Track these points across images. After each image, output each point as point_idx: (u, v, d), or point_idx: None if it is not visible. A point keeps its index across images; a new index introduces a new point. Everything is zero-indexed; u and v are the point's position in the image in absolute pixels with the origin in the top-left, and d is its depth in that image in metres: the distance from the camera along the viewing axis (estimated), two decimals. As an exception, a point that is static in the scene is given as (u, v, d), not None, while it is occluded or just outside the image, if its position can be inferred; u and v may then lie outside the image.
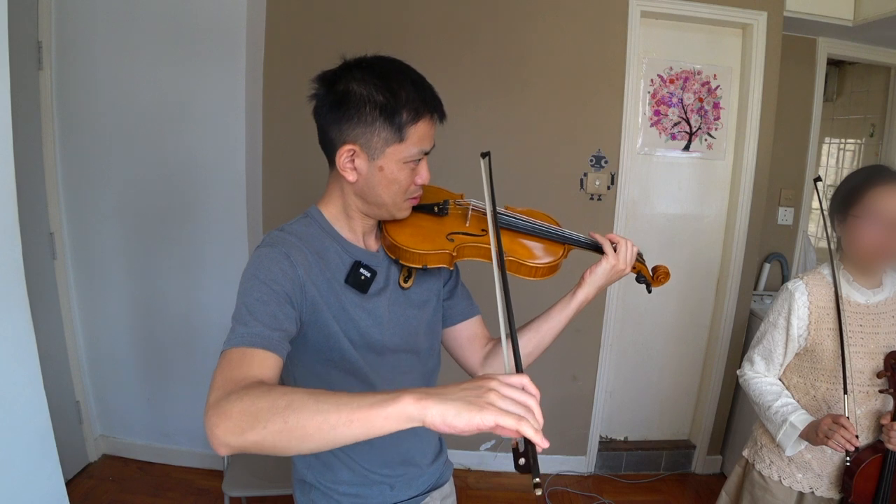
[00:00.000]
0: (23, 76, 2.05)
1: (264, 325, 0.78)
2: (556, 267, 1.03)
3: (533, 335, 1.06)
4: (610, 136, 2.37)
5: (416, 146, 0.88)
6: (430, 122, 0.90)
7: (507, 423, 0.56)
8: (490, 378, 0.60)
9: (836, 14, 2.34)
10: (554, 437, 2.61)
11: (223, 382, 0.70)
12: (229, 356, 0.75)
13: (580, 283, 1.04)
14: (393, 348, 0.98)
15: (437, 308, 1.08)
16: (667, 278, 1.12)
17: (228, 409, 0.64)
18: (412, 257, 0.95)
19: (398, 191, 0.91)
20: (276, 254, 0.85)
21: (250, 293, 0.81)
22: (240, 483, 1.80)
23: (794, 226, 2.81)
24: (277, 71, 2.25)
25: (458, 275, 1.14)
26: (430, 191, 1.04)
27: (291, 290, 0.84)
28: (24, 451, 1.37)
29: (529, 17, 2.29)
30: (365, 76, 0.86)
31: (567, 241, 1.06)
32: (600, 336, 2.51)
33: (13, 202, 1.32)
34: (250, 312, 0.79)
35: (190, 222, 2.31)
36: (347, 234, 0.96)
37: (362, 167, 0.89)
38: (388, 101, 0.85)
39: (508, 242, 1.02)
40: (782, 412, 1.32)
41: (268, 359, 0.76)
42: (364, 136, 0.86)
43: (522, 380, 0.62)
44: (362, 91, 0.86)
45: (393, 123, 0.86)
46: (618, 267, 1.02)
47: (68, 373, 2.37)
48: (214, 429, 0.64)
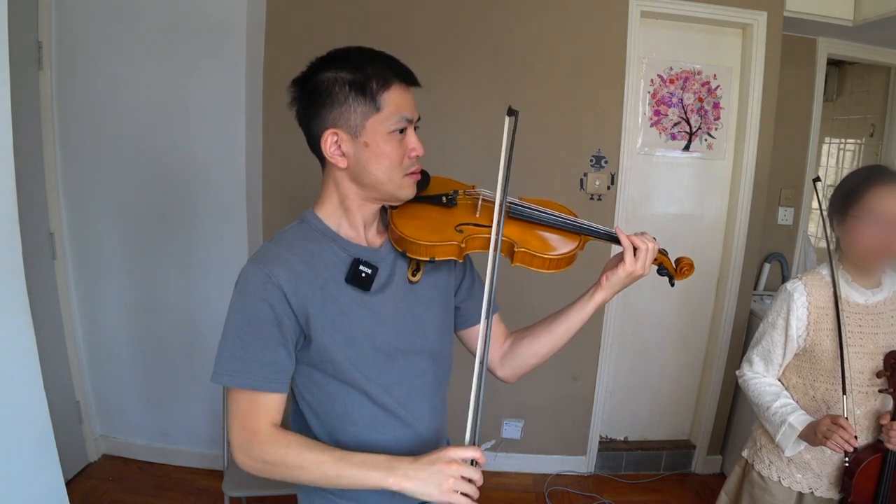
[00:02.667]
0: (23, 76, 2.05)
1: (261, 362, 0.86)
2: (572, 259, 0.98)
3: (549, 337, 1.05)
4: (610, 136, 2.37)
5: (394, 114, 0.88)
6: (404, 88, 0.90)
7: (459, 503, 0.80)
8: (451, 462, 0.80)
9: (836, 14, 2.34)
10: (554, 437, 2.61)
11: (242, 430, 0.87)
12: (239, 402, 0.88)
13: (598, 286, 1.01)
14: (403, 349, 0.96)
15: (447, 306, 1.05)
16: (691, 270, 1.05)
17: (251, 463, 0.86)
18: (419, 249, 0.92)
19: (391, 165, 0.90)
20: (259, 277, 0.86)
21: (239, 325, 0.87)
22: (240, 483, 1.80)
23: (794, 226, 2.81)
24: (277, 71, 2.25)
25: (474, 271, 1.12)
26: (440, 182, 1.02)
27: (274, 316, 0.86)
28: (24, 451, 1.37)
29: (529, 17, 2.29)
30: (330, 64, 0.89)
31: (583, 232, 1.01)
32: (600, 336, 2.51)
33: (13, 202, 1.32)
34: (244, 349, 0.87)
35: (190, 222, 2.31)
36: (347, 231, 0.95)
37: (349, 149, 0.89)
38: (356, 75, 0.87)
39: (521, 233, 0.98)
40: (781, 413, 1.32)
41: (275, 401, 0.88)
42: (342, 116, 0.87)
43: (475, 453, 0.82)
44: (329, 75, 0.88)
45: (366, 95, 0.86)
46: (636, 273, 0.98)
47: (68, 373, 2.37)
48: (242, 465, 0.87)
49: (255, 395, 0.87)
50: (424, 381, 1.01)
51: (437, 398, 1.05)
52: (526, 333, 1.09)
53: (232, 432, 0.88)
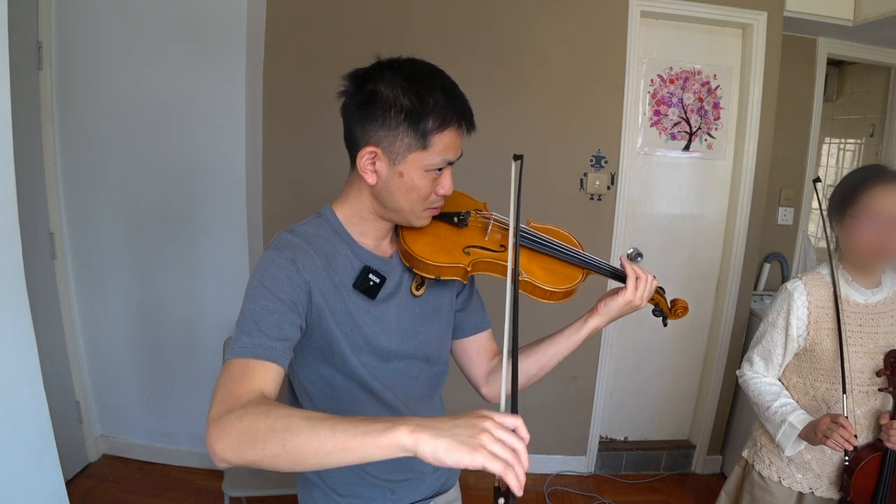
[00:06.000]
0: (23, 76, 2.05)
1: (267, 335, 0.78)
2: (572, 292, 0.99)
3: (539, 358, 1.04)
4: (610, 136, 2.37)
5: (439, 155, 0.86)
6: (457, 132, 0.87)
7: (494, 468, 0.57)
8: (485, 417, 0.60)
9: (836, 14, 2.34)
10: (554, 437, 2.61)
11: (224, 396, 0.70)
12: (231, 368, 0.75)
13: (593, 312, 1.01)
14: (401, 354, 0.97)
15: (448, 318, 1.05)
16: (685, 313, 1.08)
17: (228, 427, 0.65)
18: (426, 268, 0.93)
19: (417, 199, 0.89)
20: (283, 259, 0.85)
21: (255, 301, 0.81)
22: (240, 483, 1.80)
23: (794, 226, 2.81)
24: (277, 71, 2.24)
25: (473, 285, 1.11)
26: (453, 196, 1.00)
27: (297, 296, 0.83)
28: (24, 451, 1.37)
29: (529, 17, 2.29)
30: (394, 78, 0.85)
31: (587, 267, 1.01)
32: (600, 336, 2.51)
33: (13, 202, 1.32)
34: (255, 322, 0.79)
35: (190, 222, 2.31)
36: (360, 237, 0.94)
37: (382, 170, 0.87)
38: (415, 106, 0.83)
39: (526, 262, 0.98)
40: (781, 412, 1.32)
41: (269, 370, 0.76)
42: (387, 139, 0.85)
43: (516, 422, 0.62)
44: (389, 93, 0.84)
45: (417, 130, 0.84)
46: (634, 303, 0.98)
47: (68, 373, 2.37)
48: (214, 444, 0.65)
49: (250, 361, 0.76)
50: (419, 384, 1.01)
51: (433, 402, 1.05)
52: None
53: (213, 401, 0.70)
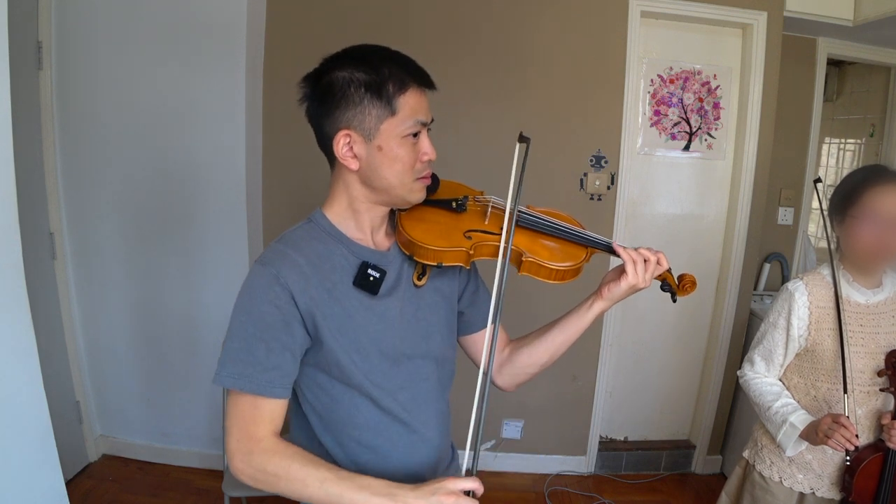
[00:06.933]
0: (23, 76, 2.05)
1: (264, 366, 0.84)
2: (578, 270, 0.98)
3: (548, 347, 1.04)
4: (610, 136, 2.37)
5: (410, 118, 0.86)
6: (419, 92, 0.88)
7: None
8: (451, 493, 0.76)
9: (836, 14, 2.34)
10: (554, 437, 2.61)
11: (243, 437, 0.85)
12: (240, 404, 0.86)
13: (598, 296, 1.01)
14: (409, 354, 0.96)
15: (451, 310, 1.05)
16: (693, 287, 1.07)
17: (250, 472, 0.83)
18: (427, 254, 0.92)
19: (403, 169, 0.88)
20: (267, 278, 0.85)
21: (245, 327, 0.85)
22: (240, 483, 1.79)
23: (794, 226, 2.81)
24: (277, 71, 2.25)
25: (478, 278, 1.11)
26: (449, 186, 1.02)
27: (282, 318, 0.85)
28: (24, 451, 1.37)
29: (529, 17, 2.29)
30: (345, 62, 0.87)
31: (590, 245, 1.01)
32: (600, 336, 2.51)
33: (13, 202, 1.32)
34: (249, 351, 0.84)
35: (190, 222, 2.31)
36: (355, 233, 0.94)
37: (361, 151, 0.87)
38: (372, 77, 0.85)
39: (529, 243, 0.98)
40: (782, 412, 1.32)
41: (277, 406, 0.87)
42: (356, 118, 0.86)
43: (474, 485, 0.78)
44: (345, 75, 0.85)
45: (381, 97, 0.85)
46: (638, 285, 0.98)
47: (68, 373, 2.37)
48: (238, 474, 0.84)
49: (258, 399, 0.85)
50: (429, 386, 1.00)
51: (443, 402, 1.04)
52: (524, 342, 1.08)
53: (231, 437, 0.85)
